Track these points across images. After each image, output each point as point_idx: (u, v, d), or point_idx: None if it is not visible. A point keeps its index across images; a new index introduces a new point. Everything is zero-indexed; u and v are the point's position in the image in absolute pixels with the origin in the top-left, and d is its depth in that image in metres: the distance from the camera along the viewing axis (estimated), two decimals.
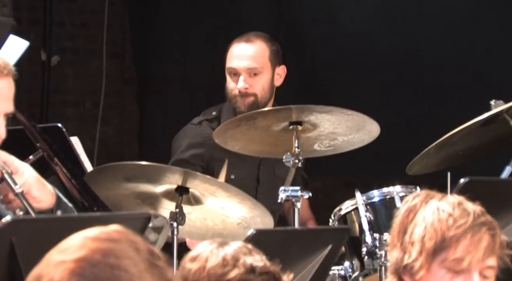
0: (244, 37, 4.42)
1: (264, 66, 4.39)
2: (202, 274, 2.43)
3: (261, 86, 4.39)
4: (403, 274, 2.66)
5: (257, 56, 4.38)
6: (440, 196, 2.69)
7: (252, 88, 4.37)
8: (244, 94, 4.36)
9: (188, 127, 4.47)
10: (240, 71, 4.37)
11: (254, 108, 4.28)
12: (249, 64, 4.36)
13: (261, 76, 4.39)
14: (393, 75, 5.40)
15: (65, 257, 2.09)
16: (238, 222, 3.66)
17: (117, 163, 3.70)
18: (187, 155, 4.38)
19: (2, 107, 3.07)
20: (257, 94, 4.37)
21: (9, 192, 3.05)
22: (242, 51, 4.38)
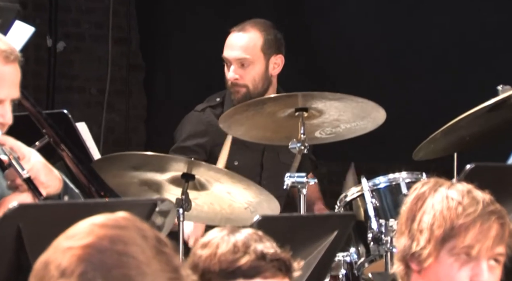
0: (240, 25, 4.40)
1: (255, 56, 4.35)
2: (213, 260, 2.44)
3: (252, 77, 4.35)
4: (410, 262, 2.66)
5: (248, 47, 4.34)
6: (449, 184, 2.69)
7: (243, 79, 4.34)
8: (235, 84, 4.34)
9: (192, 114, 4.48)
10: (230, 60, 4.36)
11: (247, 98, 4.26)
12: (239, 55, 4.34)
13: (252, 67, 4.36)
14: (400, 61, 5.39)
15: (73, 243, 2.10)
16: (245, 206, 3.67)
17: (124, 152, 3.72)
18: (190, 143, 4.39)
19: (8, 93, 3.08)
20: (248, 85, 4.35)
21: (17, 177, 3.06)
22: (234, 41, 4.36)
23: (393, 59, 5.40)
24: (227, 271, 2.44)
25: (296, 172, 3.74)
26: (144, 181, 3.64)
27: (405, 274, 2.68)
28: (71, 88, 6.00)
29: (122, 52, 6.12)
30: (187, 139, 4.40)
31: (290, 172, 3.75)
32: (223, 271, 2.44)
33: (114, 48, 6.04)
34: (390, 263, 3.70)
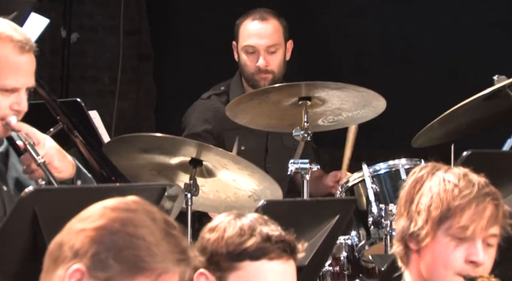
0: (256, 15, 4.42)
1: (280, 43, 4.42)
2: (220, 243, 2.45)
3: (278, 63, 4.41)
4: (409, 242, 2.67)
5: (274, 34, 4.40)
6: (446, 168, 2.70)
7: (271, 65, 4.39)
8: (264, 71, 4.38)
9: (198, 102, 4.50)
10: (259, 49, 4.38)
11: (273, 83, 4.29)
12: (268, 42, 4.38)
13: (278, 53, 4.42)
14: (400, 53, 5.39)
15: (86, 225, 2.10)
16: (249, 194, 3.67)
17: (134, 134, 3.71)
18: (199, 129, 4.41)
19: (24, 82, 3.08)
20: (274, 71, 4.41)
21: (32, 162, 3.07)
22: (260, 30, 4.39)
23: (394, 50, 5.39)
24: (234, 253, 2.44)
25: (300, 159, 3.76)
26: (153, 165, 3.64)
27: (404, 254, 2.69)
28: (84, 77, 6.01)
29: (133, 43, 6.12)
30: (196, 126, 4.42)
31: (294, 159, 3.77)
32: (230, 253, 2.45)
33: (125, 39, 6.04)
34: (390, 246, 3.71)
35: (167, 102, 5.96)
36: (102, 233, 2.09)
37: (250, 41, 4.38)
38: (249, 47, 4.39)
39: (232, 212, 2.51)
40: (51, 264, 2.11)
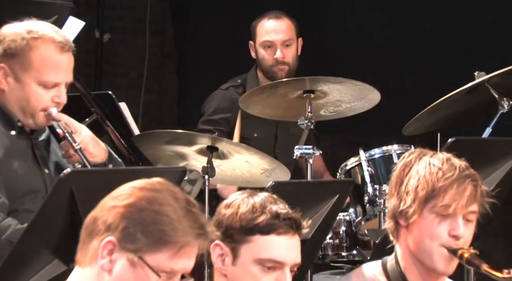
0: (271, 14, 4.47)
1: (293, 38, 4.46)
2: (234, 218, 2.45)
3: (292, 55, 4.45)
4: (399, 218, 2.67)
5: (288, 30, 4.45)
6: (431, 153, 2.70)
7: (287, 58, 4.42)
8: (282, 62, 4.40)
9: (217, 92, 4.51)
10: (276, 43, 4.42)
11: (289, 75, 4.35)
12: (284, 37, 4.42)
13: (292, 47, 4.46)
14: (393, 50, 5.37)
15: (117, 203, 2.11)
16: (262, 172, 3.68)
17: (159, 130, 3.72)
18: (217, 116, 4.42)
19: (64, 78, 3.08)
20: (290, 63, 4.44)
21: (70, 148, 3.08)
22: (276, 27, 4.44)
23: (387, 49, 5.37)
24: (246, 228, 2.45)
25: (304, 145, 3.77)
26: (175, 152, 3.65)
27: (394, 229, 2.69)
28: (115, 73, 6.01)
29: (158, 43, 6.12)
30: (214, 113, 4.43)
31: (299, 145, 3.77)
32: (243, 227, 2.45)
33: (151, 39, 6.04)
34: (383, 222, 3.70)
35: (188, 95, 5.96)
36: (131, 210, 2.10)
37: (268, 36, 4.41)
38: (267, 42, 4.43)
39: (246, 191, 2.52)
40: (87, 236, 2.12)
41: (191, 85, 5.95)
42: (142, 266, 2.08)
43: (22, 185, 3.04)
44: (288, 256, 2.45)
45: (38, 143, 3.14)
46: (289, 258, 2.45)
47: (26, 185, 3.05)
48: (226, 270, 2.46)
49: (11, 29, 3.05)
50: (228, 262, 2.45)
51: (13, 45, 3.03)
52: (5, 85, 3.06)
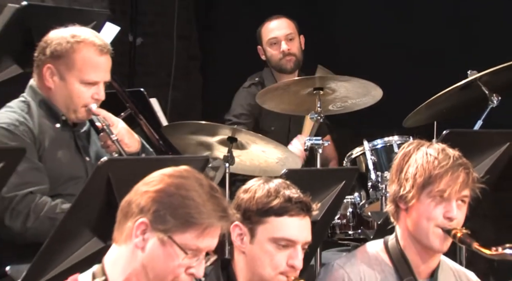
0: (272, 17, 4.51)
1: (295, 32, 4.47)
2: (251, 202, 2.46)
3: (297, 47, 4.46)
4: (399, 202, 2.67)
5: (289, 26, 4.47)
6: (428, 143, 2.69)
7: (292, 49, 4.44)
8: (288, 54, 4.42)
9: (242, 90, 4.55)
10: (280, 38, 4.43)
11: (296, 64, 4.39)
12: (286, 32, 4.44)
13: (295, 40, 4.47)
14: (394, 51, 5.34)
15: (149, 188, 2.12)
16: (277, 161, 3.68)
17: (184, 121, 3.73)
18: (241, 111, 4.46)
19: (103, 77, 3.10)
20: (296, 54, 4.46)
21: (108, 139, 3.09)
22: (278, 24, 4.47)
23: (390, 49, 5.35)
24: (262, 210, 2.45)
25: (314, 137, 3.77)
26: (199, 142, 3.66)
27: (395, 212, 2.69)
28: (146, 73, 6.02)
29: (184, 46, 6.13)
30: (238, 108, 4.45)
31: (309, 137, 3.77)
32: (259, 210, 2.46)
33: (178, 43, 6.04)
34: (385, 205, 3.70)
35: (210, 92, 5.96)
36: (161, 194, 2.10)
37: (272, 34, 4.45)
38: (272, 39, 4.45)
39: (262, 177, 2.53)
40: (122, 218, 2.14)
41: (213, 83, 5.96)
42: (171, 245, 2.09)
43: (66, 172, 3.06)
44: (300, 235, 2.45)
45: (80, 135, 3.16)
46: (301, 237, 2.46)
47: (69, 172, 3.07)
48: (244, 248, 2.47)
49: (57, 34, 3.07)
50: (246, 241, 2.46)
51: (59, 48, 3.05)
52: (52, 83, 3.08)
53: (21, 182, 2.90)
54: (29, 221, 2.87)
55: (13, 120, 3.02)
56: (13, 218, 2.87)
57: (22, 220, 2.87)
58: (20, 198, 2.88)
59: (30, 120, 3.04)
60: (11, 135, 2.98)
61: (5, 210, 2.88)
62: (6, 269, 2.71)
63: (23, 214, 2.87)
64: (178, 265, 2.09)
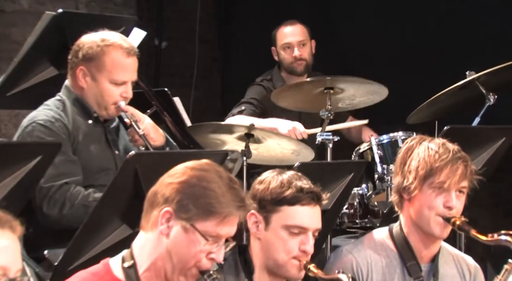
0: (287, 23, 4.50)
1: (307, 39, 4.47)
2: (266, 192, 2.46)
3: (308, 53, 4.46)
4: (402, 193, 2.66)
5: (302, 33, 4.47)
6: (429, 138, 2.69)
7: (303, 55, 4.44)
8: (299, 59, 4.42)
9: (255, 85, 4.55)
10: (293, 44, 4.43)
11: (306, 68, 4.39)
12: (299, 38, 4.44)
13: (307, 46, 4.47)
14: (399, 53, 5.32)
15: (173, 180, 2.13)
16: (291, 152, 3.68)
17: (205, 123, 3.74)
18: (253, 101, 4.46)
19: (130, 77, 3.11)
20: (307, 58, 4.46)
21: (135, 134, 3.10)
22: (292, 30, 4.46)
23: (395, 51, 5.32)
24: (276, 200, 2.45)
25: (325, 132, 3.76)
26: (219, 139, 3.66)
27: (399, 201, 2.69)
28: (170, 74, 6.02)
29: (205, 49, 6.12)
30: (252, 98, 4.45)
31: (321, 132, 3.77)
32: (273, 199, 2.45)
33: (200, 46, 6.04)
34: (390, 195, 3.69)
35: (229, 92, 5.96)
36: (184, 186, 2.11)
37: (286, 39, 4.44)
38: (286, 44, 4.45)
39: (276, 169, 2.52)
40: (149, 207, 2.14)
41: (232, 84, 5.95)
42: (193, 232, 2.09)
43: (97, 164, 3.07)
44: (311, 223, 2.45)
45: (110, 130, 3.17)
46: (312, 224, 2.45)
47: (100, 164, 3.08)
48: (260, 235, 2.47)
49: (89, 38, 3.08)
50: (261, 228, 2.46)
51: (90, 51, 3.06)
52: (84, 83, 3.09)
53: (57, 173, 2.91)
54: (65, 208, 2.89)
55: (49, 117, 3.04)
56: (50, 206, 2.89)
57: (59, 208, 2.89)
58: (57, 188, 2.90)
59: (65, 117, 3.06)
60: (48, 131, 3.00)
61: (43, 199, 2.90)
62: (44, 253, 2.72)
63: (59, 203, 2.89)
64: (200, 250, 2.10)
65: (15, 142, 2.94)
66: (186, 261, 2.10)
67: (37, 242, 2.78)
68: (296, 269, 2.42)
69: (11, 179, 2.27)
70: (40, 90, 3.22)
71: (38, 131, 3.00)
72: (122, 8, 5.32)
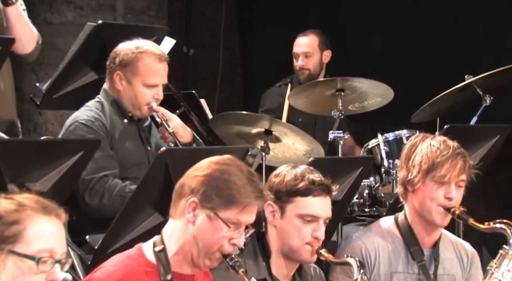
0: (302, 33, 4.50)
1: (314, 50, 4.44)
2: (281, 185, 2.45)
3: (313, 64, 4.44)
4: (407, 185, 2.65)
5: (309, 44, 4.45)
6: (432, 136, 2.67)
7: (307, 65, 4.42)
8: (302, 68, 4.42)
9: (273, 88, 4.57)
10: (298, 54, 4.44)
11: (309, 78, 4.35)
12: (304, 50, 4.44)
13: (313, 57, 4.44)
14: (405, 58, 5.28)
15: (198, 173, 2.14)
16: (304, 153, 3.66)
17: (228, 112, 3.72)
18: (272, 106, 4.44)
19: (161, 80, 3.12)
20: (310, 69, 4.44)
21: (166, 132, 3.11)
22: (299, 42, 4.47)
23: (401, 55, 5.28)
24: (290, 192, 2.44)
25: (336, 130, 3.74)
26: (240, 134, 3.64)
27: (403, 193, 2.67)
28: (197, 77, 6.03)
29: (228, 55, 6.12)
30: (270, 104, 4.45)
31: (332, 130, 3.75)
32: (288, 191, 2.45)
33: (224, 53, 6.03)
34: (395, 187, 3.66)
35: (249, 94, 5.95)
36: (209, 178, 2.11)
37: (294, 49, 4.48)
38: (294, 53, 4.49)
39: (290, 164, 2.51)
40: (177, 197, 2.15)
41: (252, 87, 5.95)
42: (216, 220, 2.10)
43: (132, 159, 3.08)
44: (322, 212, 2.44)
45: (143, 128, 3.18)
46: (323, 213, 2.44)
47: (134, 159, 3.09)
48: (276, 223, 2.46)
49: (125, 46, 3.10)
50: (277, 217, 2.46)
51: (126, 58, 3.07)
52: (120, 86, 3.10)
53: (97, 167, 2.93)
54: (104, 199, 2.91)
55: (90, 117, 3.06)
56: (91, 197, 2.91)
57: (99, 198, 2.91)
58: (97, 180, 2.92)
59: (103, 117, 3.08)
60: (88, 129, 3.02)
61: (85, 190, 2.92)
62: (86, 238, 2.75)
63: (99, 193, 2.91)
64: (222, 236, 2.10)
65: (60, 139, 2.98)
66: (210, 246, 2.10)
67: (79, 228, 2.80)
68: (309, 253, 2.42)
69: (57, 172, 2.29)
70: (82, 93, 3.25)
71: (80, 129, 3.02)
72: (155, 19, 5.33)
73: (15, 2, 3.12)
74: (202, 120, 3.50)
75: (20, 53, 3.21)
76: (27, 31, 3.19)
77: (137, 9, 5.20)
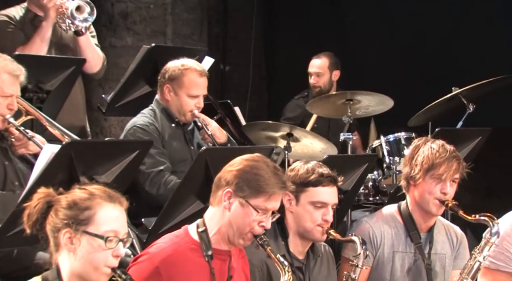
0: (316, 55, 4.48)
1: (324, 71, 4.42)
2: (296, 177, 2.44)
3: (323, 82, 4.41)
4: (409, 180, 2.62)
5: (320, 65, 4.43)
6: (432, 140, 2.65)
7: (318, 83, 4.42)
8: (314, 86, 4.42)
9: (293, 101, 4.55)
10: (311, 73, 4.45)
11: (320, 93, 4.34)
12: (315, 70, 4.43)
13: (324, 76, 4.41)
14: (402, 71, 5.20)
15: (232, 168, 2.12)
16: (320, 150, 3.62)
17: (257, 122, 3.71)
18: (291, 115, 4.41)
19: (202, 92, 3.11)
20: (320, 86, 4.42)
21: (205, 134, 3.09)
22: (312, 63, 4.47)
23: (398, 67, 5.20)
24: (303, 183, 2.42)
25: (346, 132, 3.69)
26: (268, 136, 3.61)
27: (406, 186, 2.64)
28: (231, 90, 6.00)
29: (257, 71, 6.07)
30: (290, 114, 4.43)
31: (343, 133, 3.72)
32: (302, 183, 2.43)
33: (253, 69, 6.00)
34: (395, 179, 3.63)
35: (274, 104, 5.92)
36: (241, 172, 2.10)
37: (309, 69, 4.47)
38: (308, 72, 4.47)
39: (302, 160, 2.50)
40: (215, 188, 2.13)
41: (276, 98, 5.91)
42: (247, 206, 2.09)
43: (178, 156, 3.08)
44: (330, 199, 2.43)
45: (187, 131, 3.17)
46: (331, 200, 2.43)
47: (180, 156, 3.09)
48: (292, 209, 2.45)
49: (173, 64, 3.11)
50: (293, 204, 2.44)
51: (173, 73, 3.08)
52: (169, 97, 3.11)
53: (155, 162, 2.96)
54: (160, 190, 2.94)
55: (145, 122, 3.08)
56: (150, 187, 2.94)
57: (156, 189, 2.94)
58: (156, 173, 2.95)
59: (156, 122, 3.09)
60: (144, 132, 3.04)
61: (145, 180, 2.95)
62: (142, 220, 2.77)
63: (157, 185, 2.94)
64: (253, 220, 2.11)
65: (121, 140, 3.01)
66: (243, 228, 2.11)
67: (137, 213, 2.80)
68: (320, 234, 2.41)
69: (118, 167, 2.32)
70: (139, 102, 3.28)
71: (137, 132, 3.05)
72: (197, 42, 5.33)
73: (85, 33, 3.16)
74: (235, 124, 3.48)
75: (89, 72, 3.28)
76: (95, 55, 3.27)
77: (183, 34, 5.22)
